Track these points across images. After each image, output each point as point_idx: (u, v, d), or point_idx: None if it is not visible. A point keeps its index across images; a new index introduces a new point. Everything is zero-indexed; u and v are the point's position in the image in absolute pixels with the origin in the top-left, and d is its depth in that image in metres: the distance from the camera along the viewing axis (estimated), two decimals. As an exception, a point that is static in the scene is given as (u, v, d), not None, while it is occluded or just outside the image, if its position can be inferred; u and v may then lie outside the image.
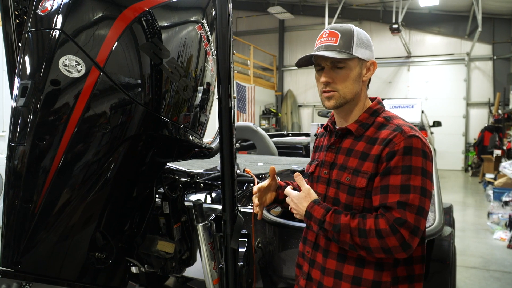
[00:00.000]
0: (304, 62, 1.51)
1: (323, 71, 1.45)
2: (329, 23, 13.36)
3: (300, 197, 1.45)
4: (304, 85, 16.72)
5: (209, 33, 1.83)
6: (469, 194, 10.31)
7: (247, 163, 3.13)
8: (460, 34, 14.32)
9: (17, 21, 1.84)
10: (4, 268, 1.39)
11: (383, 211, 1.30)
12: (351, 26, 1.46)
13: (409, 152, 1.31)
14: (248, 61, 15.31)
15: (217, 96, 1.55)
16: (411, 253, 1.30)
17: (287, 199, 1.50)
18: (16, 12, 1.83)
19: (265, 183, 1.63)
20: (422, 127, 8.35)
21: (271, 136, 6.48)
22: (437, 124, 11.00)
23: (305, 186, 1.47)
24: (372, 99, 1.55)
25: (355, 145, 1.44)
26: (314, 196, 1.45)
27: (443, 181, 11.90)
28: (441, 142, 13.59)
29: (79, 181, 1.46)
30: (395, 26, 11.83)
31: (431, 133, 10.52)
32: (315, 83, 1.50)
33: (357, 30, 1.45)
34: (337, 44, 1.41)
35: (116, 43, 1.47)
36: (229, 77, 1.50)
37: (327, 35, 1.44)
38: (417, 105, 5.26)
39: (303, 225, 1.87)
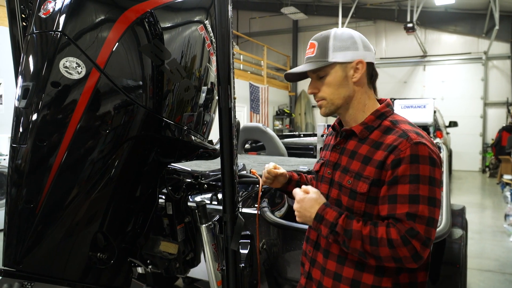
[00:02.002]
0: (294, 77, 1.56)
1: (310, 83, 1.50)
2: (343, 23, 13.31)
3: (311, 199, 1.40)
4: (318, 86, 16.67)
5: (212, 34, 1.83)
6: (487, 195, 10.12)
7: (255, 164, 3.13)
8: (477, 33, 14.08)
9: (24, 24, 1.86)
10: (6, 268, 1.41)
11: (394, 222, 1.27)
12: (330, 31, 1.46)
13: (416, 160, 1.27)
14: (262, 61, 15.31)
15: (217, 97, 1.54)
16: (422, 263, 1.27)
17: (294, 204, 1.46)
18: (23, 15, 1.86)
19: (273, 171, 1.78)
20: (437, 128, 8.24)
21: (283, 136, 6.47)
22: (453, 124, 10.84)
23: (314, 190, 1.44)
24: (382, 101, 1.52)
25: (359, 147, 1.42)
26: (323, 199, 1.42)
27: (460, 182, 11.71)
28: (458, 143, 13.40)
29: (80, 182, 1.46)
30: (409, 25, 11.71)
31: (447, 133, 10.38)
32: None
33: (335, 33, 1.44)
34: (314, 54, 1.44)
35: (117, 44, 1.48)
36: (229, 78, 1.49)
37: (308, 46, 1.48)
38: (429, 105, 5.16)
39: (306, 226, 1.85)
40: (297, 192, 1.46)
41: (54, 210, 1.44)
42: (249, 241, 1.90)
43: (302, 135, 6.63)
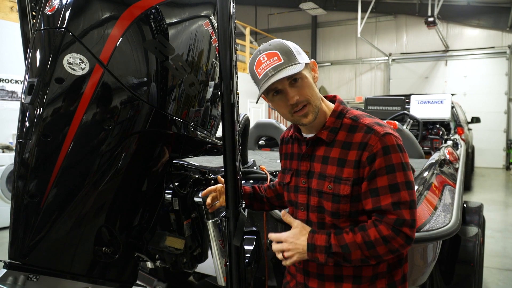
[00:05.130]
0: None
1: (285, 93, 1.39)
2: (362, 18, 13.13)
3: (296, 233, 1.40)
4: (337, 81, 16.49)
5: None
6: (510, 193, 9.88)
7: (267, 160, 3.12)
8: (501, 27, 13.73)
9: (34, 21, 1.89)
10: (12, 261, 1.44)
11: (379, 217, 1.32)
12: (279, 40, 1.42)
13: (388, 151, 1.33)
14: (280, 58, 15.22)
15: (220, 92, 1.54)
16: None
17: (274, 246, 1.43)
18: (33, 13, 1.88)
19: (213, 187, 1.78)
20: (459, 124, 8.06)
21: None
22: (475, 120, 10.60)
23: (296, 221, 1.44)
24: (331, 99, 1.53)
25: (329, 152, 1.43)
26: (308, 228, 1.41)
27: (483, 179, 11.46)
28: (481, 139, 13.10)
29: (84, 177, 1.48)
30: (430, 19, 11.49)
31: (469, 129, 10.16)
32: (348, 79, 1.55)
33: (287, 41, 1.42)
34: (283, 61, 1.35)
35: (120, 40, 1.48)
36: (231, 73, 1.48)
37: (266, 58, 1.37)
38: (446, 100, 5.06)
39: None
40: (276, 235, 1.44)
41: (59, 205, 1.46)
42: (254, 237, 1.89)
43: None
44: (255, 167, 2.51)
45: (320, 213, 1.43)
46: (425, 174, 2.47)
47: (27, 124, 1.45)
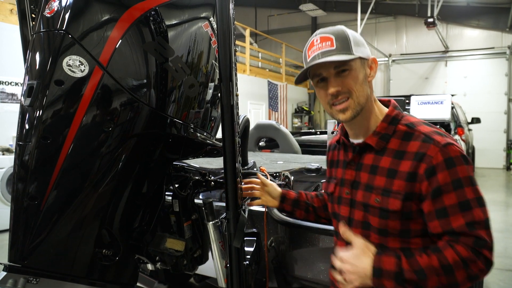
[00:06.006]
0: (304, 77, 1.34)
1: (328, 82, 1.28)
2: (362, 19, 13.14)
3: (358, 254, 1.20)
4: (337, 83, 16.51)
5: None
6: (511, 193, 9.88)
7: (267, 161, 3.11)
8: (500, 27, 13.75)
9: (34, 23, 1.89)
10: (11, 264, 1.43)
11: (454, 238, 1.14)
12: (341, 27, 1.31)
13: (452, 164, 1.16)
14: (280, 59, 15.28)
15: (219, 94, 1.54)
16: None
17: (337, 264, 1.24)
18: (33, 15, 1.88)
19: (257, 180, 1.75)
20: (459, 124, 8.06)
21: (300, 134, 6.43)
22: (476, 120, 10.62)
23: (357, 239, 1.24)
24: (385, 103, 1.39)
25: (378, 160, 1.28)
26: (372, 247, 1.21)
27: (483, 179, 11.46)
28: (481, 139, 13.11)
29: (84, 179, 1.48)
30: (430, 20, 11.51)
31: (469, 130, 10.16)
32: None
33: (349, 30, 1.31)
34: (335, 47, 1.25)
35: (120, 42, 1.48)
36: (231, 75, 1.48)
37: (319, 41, 1.27)
38: (446, 101, 5.07)
39: (315, 225, 1.83)
40: (339, 253, 1.24)
41: (59, 207, 1.45)
42: (255, 238, 1.89)
43: (318, 133, 6.58)
44: (255, 169, 2.51)
45: (365, 229, 1.28)
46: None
47: (27, 127, 1.45)
